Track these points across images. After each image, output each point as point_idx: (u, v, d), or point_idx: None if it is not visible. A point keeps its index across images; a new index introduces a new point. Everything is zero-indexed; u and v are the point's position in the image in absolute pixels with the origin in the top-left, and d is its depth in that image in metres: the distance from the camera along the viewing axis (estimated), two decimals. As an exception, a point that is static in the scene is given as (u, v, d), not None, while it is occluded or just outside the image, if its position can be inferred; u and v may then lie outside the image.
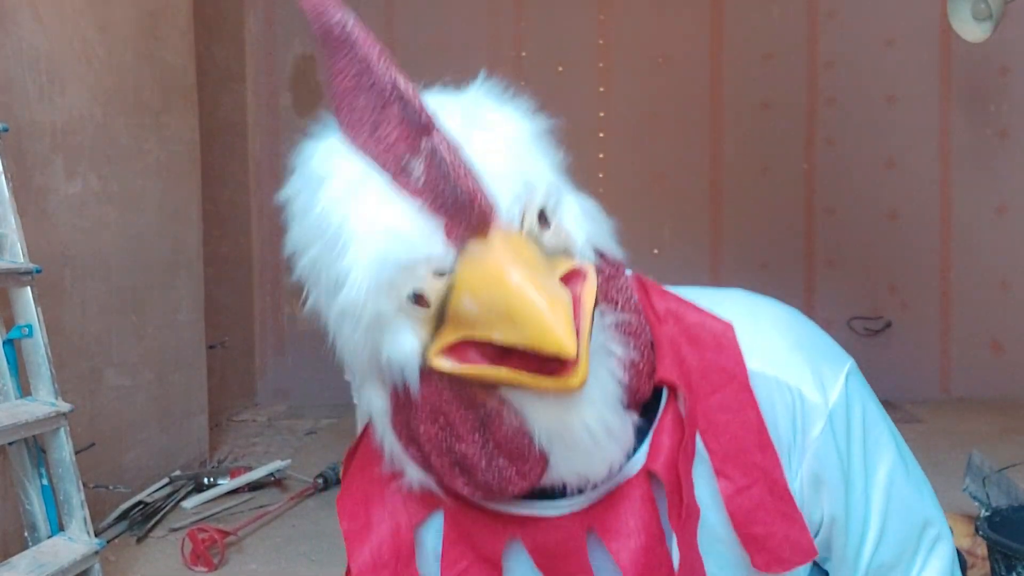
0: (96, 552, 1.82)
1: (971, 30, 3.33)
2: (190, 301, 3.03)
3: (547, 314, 0.67)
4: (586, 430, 0.74)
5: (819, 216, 4.30)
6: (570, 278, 0.73)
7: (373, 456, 0.84)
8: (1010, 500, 2.10)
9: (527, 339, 0.68)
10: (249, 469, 2.83)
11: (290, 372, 4.35)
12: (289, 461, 2.95)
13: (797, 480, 0.87)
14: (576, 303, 0.71)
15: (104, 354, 2.46)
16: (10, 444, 1.79)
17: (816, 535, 0.88)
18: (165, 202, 2.85)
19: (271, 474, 2.81)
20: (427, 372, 0.74)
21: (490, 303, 0.69)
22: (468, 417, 0.75)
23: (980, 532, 1.86)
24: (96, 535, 1.92)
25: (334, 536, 2.40)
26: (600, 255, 0.79)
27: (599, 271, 0.77)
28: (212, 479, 2.76)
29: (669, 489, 0.83)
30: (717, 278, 4.17)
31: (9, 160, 1.88)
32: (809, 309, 4.30)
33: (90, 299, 2.39)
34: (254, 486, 2.79)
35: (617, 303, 0.79)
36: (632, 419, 0.78)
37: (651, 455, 0.81)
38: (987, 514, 1.94)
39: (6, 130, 1.84)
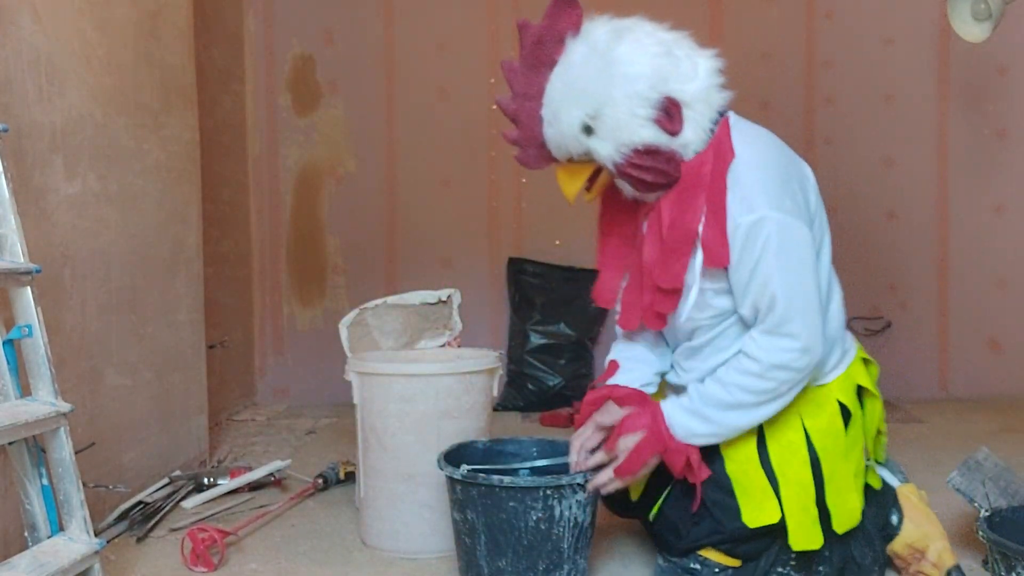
0: (96, 552, 1.82)
1: (971, 30, 3.33)
2: (190, 301, 3.03)
3: (568, 190, 1.80)
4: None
5: (818, 216, 4.30)
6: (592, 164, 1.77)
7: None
8: (1009, 500, 2.10)
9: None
10: (249, 469, 2.83)
11: (290, 372, 4.36)
12: (289, 461, 2.95)
13: (735, 250, 1.71)
14: (593, 180, 1.81)
15: (104, 354, 2.46)
16: (10, 444, 1.79)
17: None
18: (165, 202, 2.85)
19: (271, 474, 2.81)
20: None
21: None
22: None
23: (980, 532, 1.86)
24: (96, 535, 1.92)
25: (334, 535, 2.40)
26: (634, 149, 1.70)
27: (627, 158, 1.71)
28: (212, 479, 2.76)
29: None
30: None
31: (9, 160, 1.88)
32: (808, 309, 4.30)
33: (90, 299, 2.39)
34: (254, 486, 2.79)
35: (636, 171, 1.72)
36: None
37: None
38: (987, 514, 1.94)
39: (6, 130, 1.84)
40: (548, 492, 1.82)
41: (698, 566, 1.87)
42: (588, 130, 1.71)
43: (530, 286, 4.23)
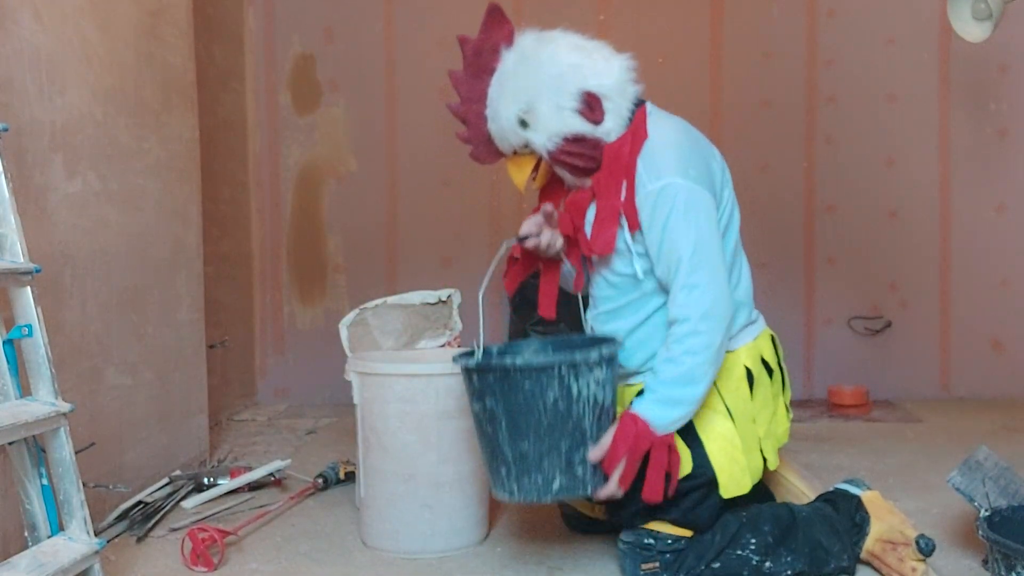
0: (96, 552, 1.82)
1: (971, 30, 3.32)
2: (190, 300, 3.03)
3: (516, 179, 2.08)
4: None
5: (819, 215, 4.30)
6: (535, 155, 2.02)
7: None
8: (1009, 500, 2.10)
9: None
10: (249, 469, 2.83)
11: (290, 372, 4.35)
12: (289, 461, 2.95)
13: (645, 214, 1.93)
14: (538, 165, 2.05)
15: (104, 353, 2.46)
16: (10, 444, 1.79)
17: (646, 252, 1.97)
18: (165, 201, 2.85)
19: (271, 474, 2.81)
20: None
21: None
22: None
23: (980, 531, 1.86)
24: (96, 535, 1.92)
25: (334, 536, 2.40)
26: (563, 137, 1.94)
27: (559, 146, 1.96)
28: (212, 479, 2.76)
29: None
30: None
31: (9, 160, 1.88)
32: (809, 308, 4.30)
33: (90, 298, 2.39)
34: (254, 486, 2.79)
35: (568, 157, 1.97)
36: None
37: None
38: (987, 513, 1.94)
39: (6, 129, 1.84)
40: (564, 370, 1.81)
41: (652, 540, 1.97)
42: (524, 124, 1.96)
43: (530, 286, 4.19)
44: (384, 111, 4.31)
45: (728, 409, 2.00)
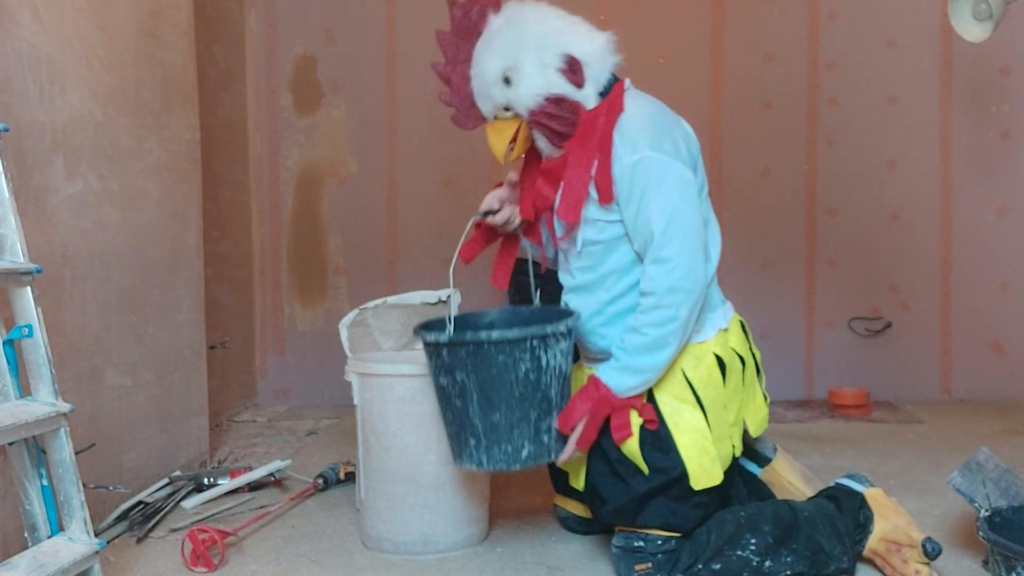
0: (96, 552, 1.82)
1: (972, 30, 3.32)
2: (190, 301, 3.03)
3: (495, 146, 2.06)
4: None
5: (820, 216, 4.30)
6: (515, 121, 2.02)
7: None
8: (1010, 501, 2.10)
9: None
10: (249, 469, 2.83)
11: (290, 372, 4.35)
12: (289, 461, 2.95)
13: (623, 188, 1.96)
14: (518, 130, 2.03)
15: (104, 354, 2.46)
16: (10, 444, 1.79)
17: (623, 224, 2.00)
18: (165, 202, 2.85)
19: (271, 474, 2.81)
20: None
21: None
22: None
23: (980, 532, 1.86)
24: (96, 535, 1.91)
25: (334, 537, 2.40)
26: (545, 97, 1.96)
27: (540, 106, 1.97)
28: (212, 479, 2.76)
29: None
30: (717, 278, 4.16)
31: (9, 160, 1.88)
32: (809, 309, 4.30)
33: (90, 299, 2.39)
34: (254, 486, 2.79)
35: (547, 119, 1.98)
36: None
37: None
38: (987, 514, 1.94)
39: (6, 130, 1.84)
40: (535, 343, 1.87)
41: (642, 543, 2.01)
42: (507, 81, 1.97)
43: (524, 283, 4.21)
44: (384, 112, 4.31)
45: (699, 399, 2.01)
